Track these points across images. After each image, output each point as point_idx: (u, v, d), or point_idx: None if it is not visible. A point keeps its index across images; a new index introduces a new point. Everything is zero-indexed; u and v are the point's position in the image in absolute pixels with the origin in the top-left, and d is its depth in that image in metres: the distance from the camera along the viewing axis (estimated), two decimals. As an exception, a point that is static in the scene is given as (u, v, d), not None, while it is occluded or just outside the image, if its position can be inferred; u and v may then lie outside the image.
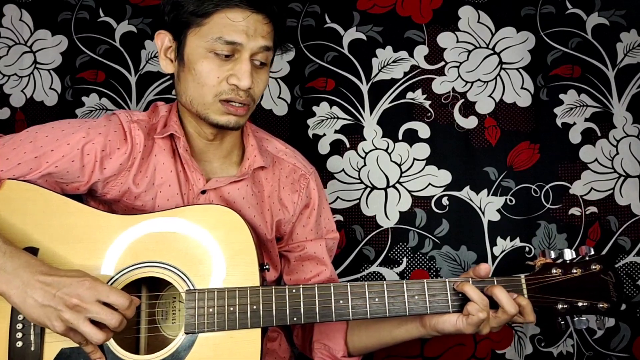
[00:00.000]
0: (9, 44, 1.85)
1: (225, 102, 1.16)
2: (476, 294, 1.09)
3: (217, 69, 1.15)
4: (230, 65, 1.15)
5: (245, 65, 1.14)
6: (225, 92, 1.15)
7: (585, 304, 1.11)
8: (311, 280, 1.37)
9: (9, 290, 0.99)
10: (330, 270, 1.39)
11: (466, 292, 1.10)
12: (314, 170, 1.42)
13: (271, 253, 1.38)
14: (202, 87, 1.16)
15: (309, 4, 1.80)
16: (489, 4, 1.75)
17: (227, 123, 1.18)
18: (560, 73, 1.72)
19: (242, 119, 1.20)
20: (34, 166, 1.16)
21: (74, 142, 1.18)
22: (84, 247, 1.12)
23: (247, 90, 1.16)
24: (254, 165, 1.29)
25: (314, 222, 1.39)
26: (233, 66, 1.15)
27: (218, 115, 1.18)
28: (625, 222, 1.68)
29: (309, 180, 1.39)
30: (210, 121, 1.19)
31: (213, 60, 1.15)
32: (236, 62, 1.15)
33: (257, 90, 1.20)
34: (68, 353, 1.07)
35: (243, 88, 1.14)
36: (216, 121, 1.18)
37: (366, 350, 1.34)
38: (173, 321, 1.22)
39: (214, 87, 1.15)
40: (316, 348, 1.35)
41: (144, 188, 1.23)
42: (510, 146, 1.72)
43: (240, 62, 1.15)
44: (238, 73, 1.14)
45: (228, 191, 1.28)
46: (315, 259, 1.38)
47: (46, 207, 1.14)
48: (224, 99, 1.16)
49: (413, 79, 1.76)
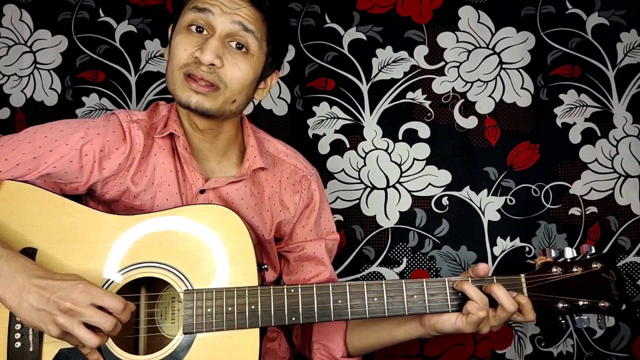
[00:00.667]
0: (9, 44, 1.85)
1: (190, 77, 1.14)
2: (475, 293, 1.09)
3: (188, 42, 1.14)
4: (202, 40, 1.14)
5: (213, 40, 1.12)
6: (189, 64, 1.13)
7: (586, 303, 1.10)
8: (310, 281, 1.36)
9: (5, 294, 0.99)
10: (329, 271, 1.39)
11: (465, 290, 1.09)
12: (315, 171, 1.42)
13: (270, 254, 1.38)
14: (172, 60, 1.15)
15: (309, 4, 1.80)
16: (489, 4, 1.75)
17: (188, 101, 1.14)
18: (560, 73, 1.72)
19: (206, 100, 1.14)
20: (32, 167, 1.16)
21: (73, 142, 1.17)
22: (83, 248, 1.12)
23: (211, 67, 1.12)
24: (254, 166, 1.29)
25: (314, 223, 1.38)
26: (203, 41, 1.14)
27: (181, 91, 1.14)
28: (625, 222, 1.68)
29: (311, 181, 1.38)
30: (177, 99, 1.16)
31: (185, 35, 1.15)
32: (205, 39, 1.14)
33: (230, 74, 1.15)
34: (66, 354, 1.07)
35: (204, 62, 1.11)
36: (179, 98, 1.15)
37: (365, 350, 1.34)
38: (172, 321, 1.22)
39: (180, 58, 1.14)
40: (315, 348, 1.35)
41: (143, 187, 1.23)
42: (510, 146, 1.72)
43: (209, 38, 1.13)
44: (203, 46, 1.12)
45: (227, 192, 1.27)
46: (314, 259, 1.38)
47: (44, 208, 1.13)
48: (187, 72, 1.13)
49: (413, 79, 1.76)
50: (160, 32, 1.82)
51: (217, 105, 1.16)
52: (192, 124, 1.24)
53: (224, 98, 1.16)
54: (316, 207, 1.38)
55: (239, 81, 1.16)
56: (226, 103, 1.17)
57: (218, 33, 1.13)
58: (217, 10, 1.13)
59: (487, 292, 1.10)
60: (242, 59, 1.16)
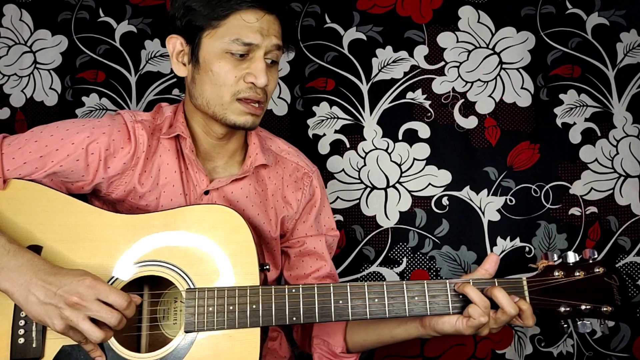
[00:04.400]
0: (9, 44, 1.85)
1: (243, 100, 1.18)
2: (477, 296, 1.08)
3: (234, 68, 1.17)
4: (246, 64, 1.18)
5: (261, 63, 1.17)
6: (243, 90, 1.18)
7: (589, 307, 1.10)
8: (311, 276, 1.38)
9: (12, 287, 1.00)
10: (330, 266, 1.41)
11: (467, 293, 1.09)
12: (316, 169, 1.44)
13: (274, 251, 1.39)
14: (220, 87, 1.18)
15: (309, 4, 1.80)
16: (489, 4, 1.75)
17: (245, 123, 1.20)
18: (560, 73, 1.72)
19: (257, 119, 1.22)
20: (39, 165, 1.17)
21: (79, 141, 1.19)
22: (87, 246, 1.13)
23: (264, 88, 1.19)
24: (256, 163, 1.30)
25: (314, 219, 1.40)
26: (249, 65, 1.17)
27: (236, 116, 1.20)
28: (625, 222, 1.68)
29: (312, 178, 1.40)
30: (228, 122, 1.20)
31: (229, 61, 1.17)
32: (252, 61, 1.17)
33: (271, 88, 1.23)
34: (69, 350, 1.08)
35: (260, 85, 1.17)
36: (234, 122, 1.20)
37: (365, 347, 1.35)
38: (174, 321, 1.22)
39: (231, 86, 1.17)
40: (315, 344, 1.36)
41: (148, 188, 1.24)
42: (510, 146, 1.72)
43: (256, 60, 1.17)
44: (254, 71, 1.17)
45: (231, 191, 1.29)
46: (315, 254, 1.39)
47: (50, 206, 1.15)
48: (242, 97, 1.18)
49: (413, 79, 1.76)
50: (160, 32, 1.82)
51: (260, 119, 1.24)
52: (209, 130, 1.26)
53: (265, 109, 1.25)
54: (317, 204, 1.40)
55: (273, 90, 1.25)
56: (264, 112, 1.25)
57: (261, 55, 1.18)
58: (259, 39, 1.16)
59: (488, 295, 1.10)
60: (275, 71, 1.25)
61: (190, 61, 1.22)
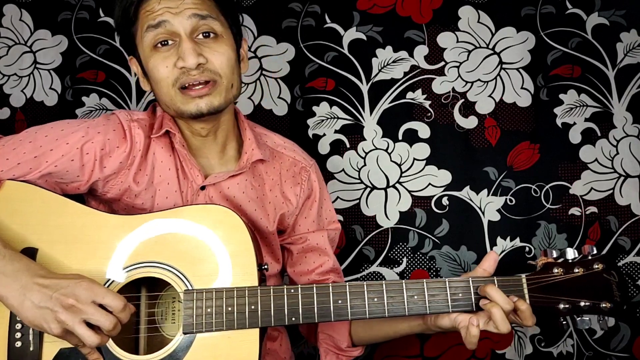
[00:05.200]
0: (9, 44, 1.85)
1: (184, 88, 1.16)
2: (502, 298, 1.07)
3: (164, 60, 1.16)
4: (174, 50, 1.16)
5: (185, 43, 1.14)
6: (179, 77, 1.16)
7: (588, 304, 1.09)
8: (315, 272, 1.38)
9: (6, 293, 0.99)
10: (333, 261, 1.41)
11: (488, 293, 1.08)
12: (314, 162, 1.44)
13: (273, 246, 1.39)
14: (160, 82, 1.17)
15: (309, 4, 1.80)
16: (489, 4, 1.75)
17: (198, 109, 1.17)
18: (560, 73, 1.72)
19: (213, 98, 1.17)
20: (33, 166, 1.16)
21: (73, 141, 1.18)
22: (83, 248, 1.12)
23: (200, 66, 1.15)
24: (253, 158, 1.30)
25: (316, 214, 1.40)
26: (176, 50, 1.16)
27: (185, 105, 1.17)
28: (625, 222, 1.67)
29: (310, 172, 1.40)
30: (185, 113, 1.18)
31: (158, 54, 1.16)
32: (177, 46, 1.16)
33: (217, 63, 1.17)
34: (67, 353, 1.07)
35: (190, 66, 1.13)
36: (188, 111, 1.17)
37: (370, 342, 1.37)
38: (172, 321, 1.22)
39: (167, 77, 1.16)
40: (321, 338, 1.38)
41: (144, 186, 1.24)
42: (510, 146, 1.72)
43: (181, 43, 1.15)
44: (181, 54, 1.14)
45: (227, 186, 1.28)
46: (317, 250, 1.39)
47: (45, 208, 1.14)
48: (180, 85, 1.16)
49: (413, 79, 1.76)
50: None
51: (222, 98, 1.19)
52: (193, 129, 1.26)
53: (224, 87, 1.19)
54: (317, 198, 1.40)
55: (227, 65, 1.19)
56: (227, 91, 1.20)
57: (183, 34, 1.15)
58: (169, 16, 1.14)
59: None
60: (218, 44, 1.18)
61: (144, 73, 1.24)
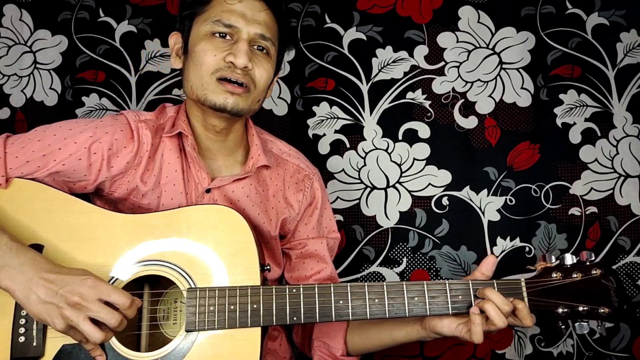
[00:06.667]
0: (9, 44, 1.85)
1: (222, 80, 1.18)
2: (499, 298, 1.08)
3: (215, 48, 1.19)
4: (228, 45, 1.19)
5: (242, 44, 1.19)
6: (222, 69, 1.18)
7: (586, 309, 1.10)
8: (312, 278, 1.38)
9: (13, 286, 1.00)
10: (331, 269, 1.41)
11: (487, 295, 1.09)
12: (317, 171, 1.45)
13: (274, 250, 1.39)
14: (200, 66, 1.19)
15: (309, 4, 1.80)
16: (489, 4, 1.75)
17: (225, 103, 1.18)
18: (560, 73, 1.72)
19: (241, 100, 1.20)
20: (41, 164, 1.17)
21: (81, 140, 1.19)
22: (88, 245, 1.13)
23: (245, 69, 1.18)
24: (258, 163, 1.31)
25: (316, 221, 1.41)
26: (231, 46, 1.19)
27: (215, 95, 1.19)
28: (625, 222, 1.68)
29: (313, 180, 1.41)
30: (209, 103, 1.19)
31: (211, 42, 1.19)
32: (234, 43, 1.19)
33: (259, 75, 1.22)
34: (69, 349, 1.08)
35: (239, 65, 1.17)
36: (214, 101, 1.19)
37: (365, 350, 1.35)
38: (174, 321, 1.22)
39: (210, 64, 1.18)
40: (315, 346, 1.36)
41: (151, 186, 1.25)
42: (510, 146, 1.72)
43: (238, 42, 1.19)
44: (235, 51, 1.18)
45: (232, 190, 1.29)
46: (316, 256, 1.40)
47: (52, 206, 1.15)
48: (220, 76, 1.18)
49: (413, 79, 1.76)
50: (160, 32, 1.82)
51: (247, 105, 1.22)
52: (207, 124, 1.26)
53: (252, 98, 1.23)
54: (318, 206, 1.41)
55: (265, 82, 1.24)
56: (253, 102, 1.24)
57: (244, 38, 1.20)
58: (241, 23, 1.19)
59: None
60: (265, 61, 1.23)
61: (183, 51, 1.26)
